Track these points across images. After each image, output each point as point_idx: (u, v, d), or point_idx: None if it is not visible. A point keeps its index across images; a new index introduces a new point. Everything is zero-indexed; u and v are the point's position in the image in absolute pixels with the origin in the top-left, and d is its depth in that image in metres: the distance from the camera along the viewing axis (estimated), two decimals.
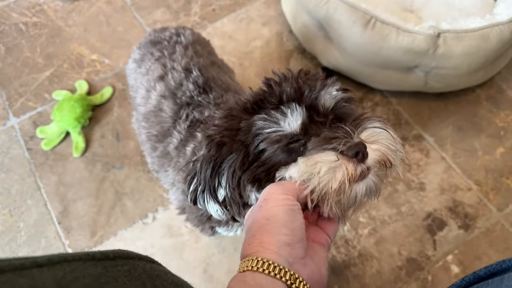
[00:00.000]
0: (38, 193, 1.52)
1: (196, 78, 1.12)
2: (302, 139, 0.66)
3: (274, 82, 0.71)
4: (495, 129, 1.62)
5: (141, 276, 0.56)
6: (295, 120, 0.66)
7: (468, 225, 1.44)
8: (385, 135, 0.65)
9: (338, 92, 0.70)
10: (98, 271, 0.51)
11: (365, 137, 0.64)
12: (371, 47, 1.44)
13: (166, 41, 1.26)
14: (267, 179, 0.68)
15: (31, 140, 1.63)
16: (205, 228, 1.07)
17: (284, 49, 1.85)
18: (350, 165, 0.60)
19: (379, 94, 1.71)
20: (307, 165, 0.62)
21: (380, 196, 1.46)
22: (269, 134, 0.66)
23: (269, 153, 0.67)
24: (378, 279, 1.36)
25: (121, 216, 1.47)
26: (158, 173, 1.17)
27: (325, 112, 0.69)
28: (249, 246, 0.60)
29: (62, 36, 1.90)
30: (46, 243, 1.44)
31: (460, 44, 1.39)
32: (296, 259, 0.59)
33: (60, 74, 1.79)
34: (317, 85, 0.70)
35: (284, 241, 0.59)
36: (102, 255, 0.54)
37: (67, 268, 0.48)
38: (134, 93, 1.26)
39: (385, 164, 0.64)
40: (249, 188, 0.70)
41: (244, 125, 0.68)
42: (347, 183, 0.60)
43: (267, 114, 0.67)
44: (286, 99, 0.68)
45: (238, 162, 0.68)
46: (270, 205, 0.62)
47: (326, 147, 0.62)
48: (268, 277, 0.55)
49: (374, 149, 0.63)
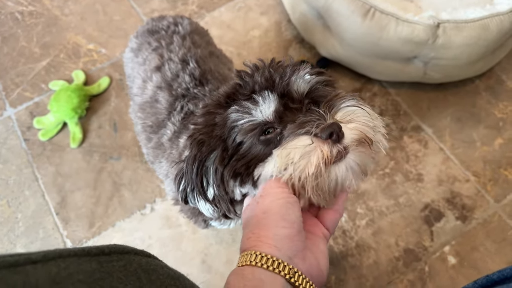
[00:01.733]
0: (36, 184, 1.52)
1: (193, 70, 1.11)
2: (277, 127, 0.65)
3: (246, 74, 0.70)
4: (494, 120, 1.62)
5: (137, 271, 0.56)
6: (267, 107, 0.65)
7: (466, 216, 1.44)
8: (361, 113, 0.64)
9: (311, 76, 0.69)
10: (93, 266, 0.51)
11: (340, 117, 0.63)
12: (370, 37, 1.43)
13: (164, 30, 1.25)
14: (247, 173, 0.67)
15: (28, 130, 1.62)
16: (198, 221, 1.07)
17: (282, 39, 1.83)
18: (325, 147, 0.59)
19: (378, 84, 1.70)
20: (282, 157, 0.61)
21: (378, 187, 1.47)
22: (243, 125, 0.65)
23: (247, 145, 0.66)
24: (375, 269, 1.37)
25: (119, 207, 1.47)
26: (153, 164, 1.17)
27: (300, 98, 0.68)
28: (248, 240, 0.59)
29: (58, 25, 1.88)
30: (44, 234, 1.44)
31: (460, 34, 1.37)
32: (296, 252, 0.59)
33: (57, 64, 1.77)
34: (288, 71, 0.69)
35: (282, 234, 0.59)
36: (97, 250, 0.54)
37: (62, 264, 0.48)
38: (131, 83, 1.25)
39: (365, 141, 0.63)
40: (232, 183, 0.69)
41: (219, 119, 0.68)
42: (322, 166, 0.59)
43: (239, 105, 0.67)
44: (258, 89, 0.67)
45: (217, 158, 0.67)
46: (267, 200, 0.62)
47: (300, 132, 0.61)
48: (267, 271, 0.55)
49: (351, 128, 0.62)
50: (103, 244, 0.56)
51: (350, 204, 1.46)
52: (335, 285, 1.34)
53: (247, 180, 0.67)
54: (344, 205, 0.72)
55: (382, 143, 0.65)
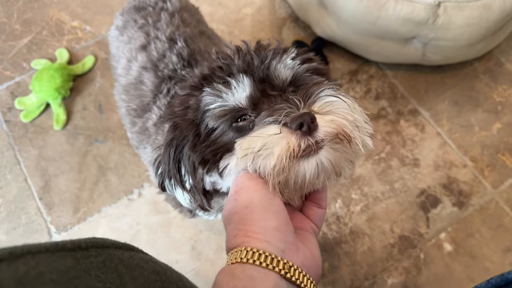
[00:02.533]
0: (18, 167, 1.45)
1: (181, 49, 1.04)
2: (251, 114, 0.60)
3: (225, 56, 0.65)
4: (492, 104, 1.58)
5: (118, 267, 0.51)
6: (241, 91, 0.60)
7: (462, 202, 1.41)
8: (341, 104, 0.57)
9: (294, 62, 0.63)
10: (68, 264, 0.46)
11: (318, 108, 0.57)
12: (368, 16, 1.37)
13: (151, 7, 1.18)
14: (213, 161, 0.61)
15: (9, 111, 1.55)
16: (183, 211, 1.02)
17: (276, 17, 1.76)
18: (293, 139, 0.53)
19: (375, 66, 1.64)
20: (242, 147, 0.56)
21: (373, 173, 1.43)
22: (215, 109, 0.60)
23: (218, 132, 0.61)
24: (370, 256, 1.33)
25: (105, 191, 1.41)
26: (138, 150, 1.11)
27: (281, 85, 0.63)
28: (234, 238, 0.54)
29: (40, 1, 1.78)
30: (27, 220, 1.38)
31: (461, 14, 1.32)
32: (287, 244, 0.54)
33: (39, 42, 1.69)
34: (268, 55, 0.63)
35: (271, 227, 0.54)
36: (73, 245, 0.49)
37: (31, 262, 0.43)
38: (116, 63, 1.18)
39: (343, 137, 0.56)
40: (200, 171, 0.64)
41: (192, 102, 0.62)
42: (286, 159, 0.53)
43: (212, 88, 0.61)
44: (236, 71, 0.62)
45: (189, 143, 0.62)
46: (243, 195, 0.57)
47: (268, 121, 0.55)
48: (260, 268, 0.50)
49: (327, 121, 0.55)
50: (80, 238, 0.51)
51: (345, 189, 1.42)
52: (328, 272, 1.31)
53: (213, 168, 0.62)
54: (327, 200, 0.66)
55: (364, 142, 0.58)
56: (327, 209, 1.34)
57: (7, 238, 1.35)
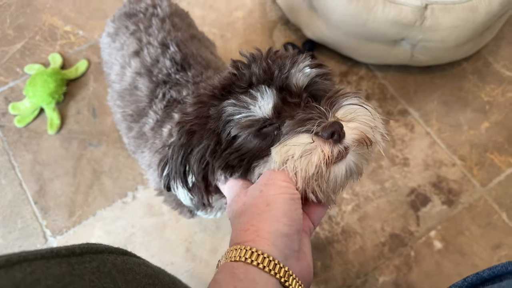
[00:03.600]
0: (13, 172, 1.47)
1: (174, 54, 1.06)
2: (275, 122, 0.63)
3: (242, 64, 0.66)
4: (481, 104, 1.61)
5: (111, 272, 0.52)
6: (266, 103, 0.62)
7: (452, 200, 1.43)
8: (363, 112, 0.61)
9: (310, 69, 0.66)
10: (63, 270, 0.48)
11: (341, 116, 0.60)
12: (357, 19, 1.39)
13: (142, 13, 1.20)
14: (240, 166, 0.64)
15: (3, 117, 1.56)
16: (183, 211, 1.04)
17: (267, 20, 1.78)
18: (326, 147, 0.57)
19: (365, 67, 1.67)
20: (280, 154, 0.59)
21: (364, 172, 1.45)
22: (240, 119, 0.62)
23: (242, 139, 0.63)
24: (361, 255, 1.36)
25: (99, 195, 1.43)
26: (135, 154, 1.13)
27: (298, 92, 0.65)
28: (245, 233, 0.55)
29: (33, 6, 1.79)
30: (23, 224, 1.39)
31: (447, 16, 1.34)
32: (291, 252, 0.56)
33: (32, 47, 1.70)
34: (287, 64, 0.65)
35: (282, 231, 0.55)
36: (67, 251, 0.51)
37: (27, 269, 0.45)
38: (109, 69, 1.20)
39: (365, 142, 0.60)
40: (219, 173, 0.66)
41: (213, 112, 0.64)
42: (323, 166, 0.57)
43: (236, 99, 0.63)
44: (255, 81, 0.64)
45: (209, 150, 0.64)
46: (271, 192, 0.58)
47: (300, 130, 0.58)
48: (262, 272, 0.52)
49: (352, 128, 0.59)
50: (74, 244, 0.53)
51: None
52: (320, 271, 1.33)
53: (239, 171, 0.65)
54: None
55: (380, 144, 0.63)
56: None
57: (3, 242, 1.37)
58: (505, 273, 0.61)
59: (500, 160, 1.50)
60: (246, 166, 0.64)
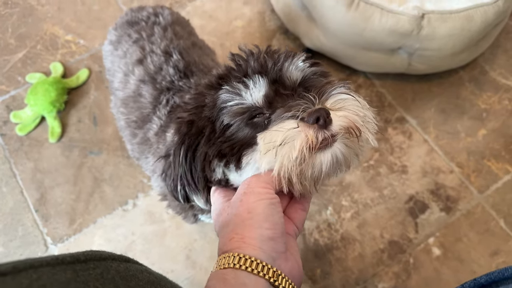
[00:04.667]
0: (14, 180, 1.48)
1: (177, 62, 1.08)
2: (266, 112, 0.64)
3: (240, 58, 0.69)
4: (478, 111, 1.62)
5: (115, 278, 0.53)
6: (258, 91, 0.64)
7: (450, 207, 1.44)
8: (352, 101, 0.62)
9: (305, 65, 0.68)
10: (68, 276, 0.49)
11: (330, 105, 0.61)
12: (355, 28, 1.41)
13: (144, 21, 1.21)
14: (231, 154, 0.65)
15: (4, 125, 1.57)
16: (187, 216, 1.05)
17: (266, 29, 1.80)
18: (311, 131, 0.57)
19: (363, 76, 1.68)
20: (265, 141, 0.60)
21: (363, 180, 1.47)
22: (232, 107, 0.64)
23: (234, 128, 0.65)
24: (361, 262, 1.37)
25: (100, 203, 1.44)
26: (139, 160, 1.14)
27: (292, 86, 0.67)
28: (230, 241, 0.58)
29: (34, 16, 1.81)
30: (23, 232, 1.40)
31: (444, 25, 1.37)
32: (279, 254, 0.58)
33: (34, 56, 1.72)
34: (281, 57, 0.68)
35: (267, 236, 0.57)
36: (72, 258, 0.52)
37: (34, 276, 0.46)
38: (111, 77, 1.21)
39: (354, 131, 0.61)
40: (215, 162, 0.68)
41: (209, 100, 0.67)
42: (306, 151, 0.57)
43: (230, 86, 0.65)
44: (251, 72, 0.66)
45: (204, 138, 0.67)
46: (251, 199, 0.60)
47: (286, 116, 0.60)
48: (251, 275, 0.54)
49: (340, 115, 0.60)
50: (78, 251, 0.54)
51: (335, 196, 1.45)
52: (320, 278, 1.34)
53: (232, 160, 0.66)
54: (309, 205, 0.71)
55: (370, 137, 0.63)
56: (318, 216, 1.38)
57: (4, 250, 1.37)
58: (502, 279, 0.62)
59: (498, 167, 1.51)
60: (237, 156, 0.65)
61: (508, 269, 0.60)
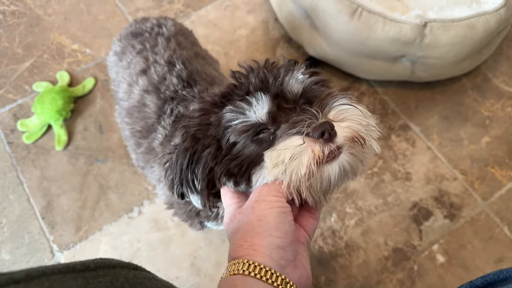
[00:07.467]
0: (21, 187, 1.49)
1: (180, 71, 1.10)
2: (270, 128, 0.65)
3: (241, 75, 0.70)
4: (481, 118, 1.63)
5: (124, 286, 0.54)
6: (261, 108, 0.65)
7: (454, 214, 1.45)
8: (354, 111, 0.63)
9: (304, 76, 0.69)
10: (78, 284, 0.50)
11: (333, 116, 0.62)
12: (358, 36, 1.42)
13: (148, 32, 1.23)
14: (241, 174, 0.66)
15: (11, 133, 1.59)
16: (194, 223, 1.06)
17: (270, 38, 1.82)
18: (317, 146, 0.58)
19: (366, 83, 1.70)
20: (272, 158, 0.61)
21: (367, 187, 1.47)
22: (237, 125, 0.65)
23: (240, 146, 0.66)
24: (365, 269, 1.37)
25: (106, 210, 1.45)
26: (144, 169, 1.15)
27: (294, 98, 0.68)
28: (240, 248, 0.58)
29: (41, 25, 1.84)
30: (30, 239, 1.41)
31: (446, 33, 1.38)
32: (287, 262, 0.58)
33: (40, 65, 1.74)
34: (281, 72, 0.69)
35: (276, 244, 0.58)
36: (82, 266, 0.53)
37: (45, 283, 0.47)
38: (116, 88, 1.23)
39: (358, 140, 0.62)
40: (224, 179, 0.69)
41: (214, 119, 0.68)
42: (313, 166, 0.58)
43: (234, 105, 0.66)
44: (253, 89, 0.67)
45: (210, 155, 0.67)
46: (262, 207, 0.61)
47: (291, 132, 0.61)
48: (260, 281, 0.54)
49: (344, 127, 0.61)
50: (88, 259, 0.55)
51: (340, 204, 1.46)
52: (324, 285, 1.34)
53: (241, 181, 0.67)
54: (320, 211, 0.72)
55: (374, 144, 0.64)
56: (323, 223, 1.38)
57: (11, 257, 1.38)
58: (497, 281, 0.62)
59: (501, 174, 1.52)
60: (246, 174, 0.66)
61: (503, 271, 0.61)
